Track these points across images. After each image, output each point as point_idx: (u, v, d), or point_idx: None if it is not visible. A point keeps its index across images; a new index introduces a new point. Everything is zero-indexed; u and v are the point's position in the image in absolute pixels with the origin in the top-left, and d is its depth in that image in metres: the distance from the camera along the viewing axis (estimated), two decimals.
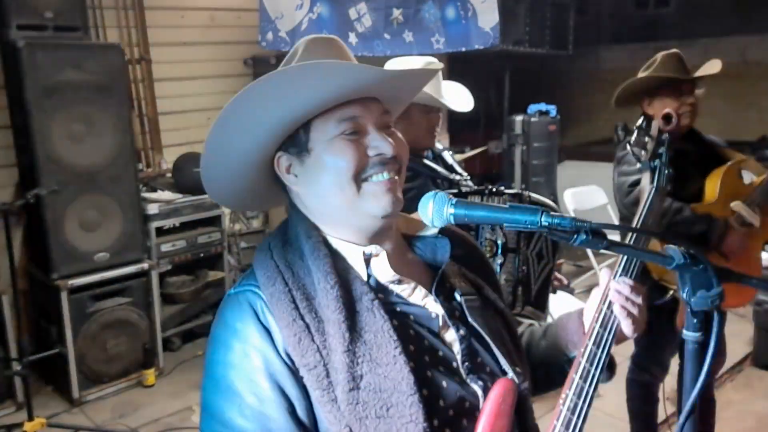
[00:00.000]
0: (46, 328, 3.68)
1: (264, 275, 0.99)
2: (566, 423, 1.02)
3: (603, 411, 3.46)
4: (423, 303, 1.03)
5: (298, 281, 0.97)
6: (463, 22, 4.72)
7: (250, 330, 0.95)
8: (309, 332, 0.92)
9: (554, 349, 1.22)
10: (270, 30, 4.45)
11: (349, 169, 0.99)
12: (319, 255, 0.99)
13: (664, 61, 2.46)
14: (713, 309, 0.92)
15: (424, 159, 2.33)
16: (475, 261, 1.20)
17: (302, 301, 0.95)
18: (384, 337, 0.93)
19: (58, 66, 3.37)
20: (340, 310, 0.93)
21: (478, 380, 0.99)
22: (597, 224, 0.89)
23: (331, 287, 0.95)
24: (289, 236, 1.05)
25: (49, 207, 3.41)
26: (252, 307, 0.97)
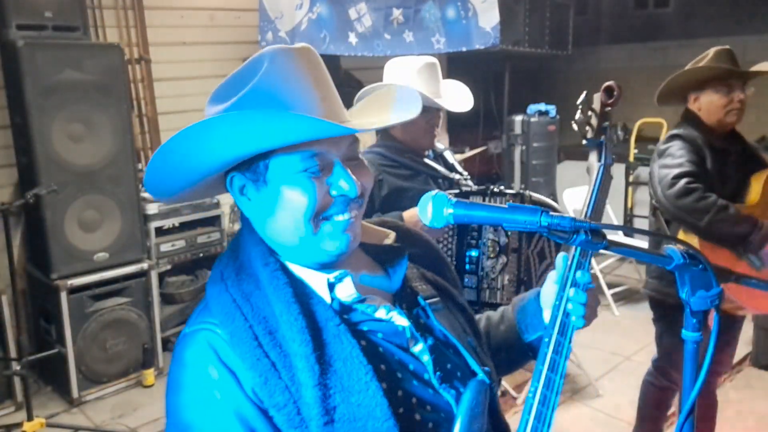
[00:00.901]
0: (46, 328, 3.67)
1: (221, 312, 0.92)
2: (537, 415, 0.99)
3: (603, 411, 3.46)
4: (389, 317, 0.99)
5: (258, 314, 0.91)
6: (463, 22, 4.71)
7: (212, 371, 0.89)
8: (275, 370, 0.87)
9: (513, 332, 1.22)
10: (270, 30, 4.45)
11: (309, 210, 0.93)
12: (279, 284, 0.93)
13: (717, 55, 2.42)
14: (713, 309, 0.92)
15: (424, 158, 2.33)
16: (432, 259, 1.19)
17: (265, 336, 0.89)
18: (354, 363, 0.90)
19: (57, 66, 3.37)
20: (306, 343, 0.88)
21: (450, 388, 0.98)
22: (596, 224, 0.88)
23: (294, 319, 0.90)
24: (243, 261, 0.97)
25: (48, 207, 3.41)
26: (212, 347, 0.91)
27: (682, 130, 2.46)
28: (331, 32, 4.54)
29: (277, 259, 0.97)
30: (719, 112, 2.43)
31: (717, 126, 2.46)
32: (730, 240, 2.31)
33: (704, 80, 2.43)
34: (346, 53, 4.62)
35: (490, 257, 2.06)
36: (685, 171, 2.32)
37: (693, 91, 2.49)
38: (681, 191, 2.28)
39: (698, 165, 2.36)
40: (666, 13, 9.74)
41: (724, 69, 2.39)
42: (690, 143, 2.40)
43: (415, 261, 1.14)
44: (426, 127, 2.25)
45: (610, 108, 1.27)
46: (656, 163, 2.45)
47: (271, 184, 0.94)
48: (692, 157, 2.36)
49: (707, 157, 2.39)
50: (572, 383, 3.76)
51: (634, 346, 4.24)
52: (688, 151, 2.38)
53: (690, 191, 2.27)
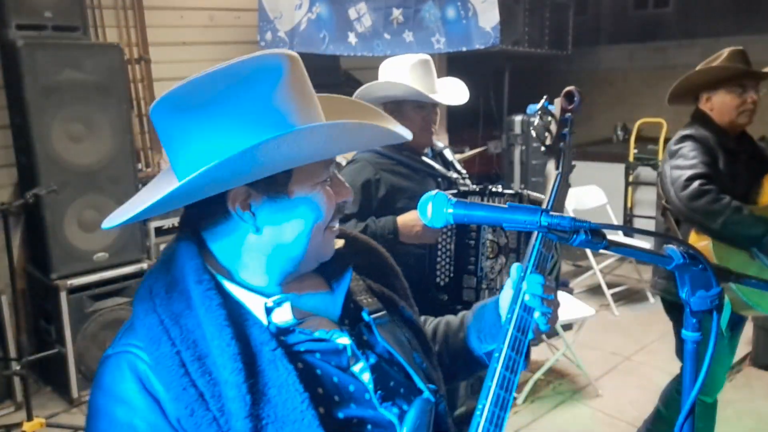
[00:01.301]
0: (45, 328, 3.67)
1: (147, 335, 0.87)
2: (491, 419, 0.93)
3: (603, 411, 3.46)
4: (329, 336, 0.96)
5: (187, 338, 0.86)
6: (463, 21, 4.71)
7: (134, 398, 0.84)
8: (203, 400, 0.83)
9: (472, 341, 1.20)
10: (269, 30, 4.45)
11: (327, 218, 0.95)
12: (212, 305, 0.88)
13: (731, 55, 2.41)
14: (713, 309, 0.92)
15: (423, 156, 2.33)
16: (380, 269, 1.17)
17: (193, 363, 0.84)
18: (289, 391, 0.86)
19: (57, 66, 3.37)
20: (238, 371, 0.84)
21: (392, 407, 0.95)
22: (596, 224, 0.88)
23: (227, 344, 0.85)
24: (175, 276, 0.92)
25: (48, 207, 3.41)
26: (135, 372, 0.85)
27: (693, 130, 2.44)
28: (330, 32, 4.54)
29: (212, 276, 0.92)
30: (732, 113, 2.42)
31: (729, 126, 2.45)
32: (744, 241, 2.31)
33: (718, 80, 2.42)
34: (345, 53, 4.62)
35: (489, 258, 2.06)
36: (698, 172, 2.30)
37: (706, 91, 2.47)
38: (695, 193, 2.27)
39: (711, 166, 2.34)
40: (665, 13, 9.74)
41: (740, 69, 2.38)
42: (702, 144, 2.38)
43: (361, 272, 1.11)
44: (423, 123, 2.25)
45: (570, 114, 1.22)
46: (668, 163, 2.42)
47: (294, 195, 0.92)
48: (705, 158, 2.34)
49: (720, 158, 2.38)
50: (572, 383, 3.76)
51: (633, 345, 4.24)
52: (701, 152, 2.36)
53: (704, 193, 2.26)
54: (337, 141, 0.92)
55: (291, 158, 0.88)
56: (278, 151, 0.84)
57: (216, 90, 0.87)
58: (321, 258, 0.99)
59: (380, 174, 2.19)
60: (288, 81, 0.89)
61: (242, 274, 0.95)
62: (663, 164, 2.48)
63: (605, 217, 5.28)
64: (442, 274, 2.09)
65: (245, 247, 0.94)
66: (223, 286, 0.94)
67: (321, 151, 0.91)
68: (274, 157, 0.85)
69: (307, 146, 0.87)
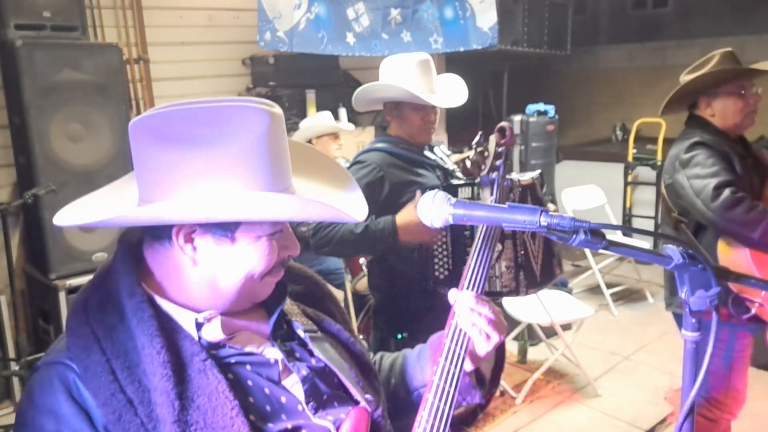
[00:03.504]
0: (44, 328, 3.67)
1: (77, 345, 0.88)
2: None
3: (603, 411, 3.47)
4: (260, 350, 0.99)
5: (118, 348, 0.88)
6: (461, 22, 4.72)
7: (62, 410, 0.85)
8: (131, 406, 0.84)
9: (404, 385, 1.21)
10: (268, 30, 4.45)
11: (266, 269, 0.96)
12: (144, 317, 0.90)
13: (723, 58, 2.33)
14: (712, 309, 0.92)
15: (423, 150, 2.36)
16: (315, 296, 1.19)
17: (123, 371, 0.86)
18: (219, 399, 0.88)
19: (56, 66, 3.36)
20: (167, 378, 0.86)
21: (327, 416, 0.97)
22: (596, 224, 0.88)
23: (157, 352, 0.87)
24: (110, 291, 0.94)
25: (47, 207, 3.41)
26: (63, 382, 0.87)
27: (699, 137, 2.34)
28: (329, 32, 4.54)
29: (144, 290, 0.94)
30: (737, 116, 2.35)
31: (732, 130, 2.38)
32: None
33: (715, 85, 2.34)
34: (344, 53, 4.62)
35: None
36: (725, 180, 2.19)
37: (704, 97, 2.39)
38: (728, 202, 2.14)
39: (732, 172, 2.24)
40: (665, 13, 9.75)
41: (742, 70, 2.31)
42: (716, 149, 2.28)
43: (297, 298, 1.14)
44: (422, 123, 2.27)
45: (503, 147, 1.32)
46: (682, 174, 2.30)
47: (238, 242, 0.93)
48: (724, 164, 2.24)
49: (735, 162, 2.29)
50: (571, 383, 3.76)
51: (632, 345, 4.24)
52: (718, 158, 2.25)
53: (738, 201, 2.14)
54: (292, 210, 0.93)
55: (246, 214, 0.91)
56: (236, 205, 0.88)
57: (195, 127, 0.87)
58: (254, 300, 1.01)
59: (383, 171, 2.20)
60: (266, 139, 0.89)
61: (175, 293, 0.97)
62: (675, 175, 2.34)
63: (604, 216, 5.29)
64: (441, 268, 2.09)
65: (181, 273, 0.96)
66: (156, 302, 0.96)
67: (277, 215, 0.93)
68: (231, 209, 0.88)
69: (265, 209, 0.90)
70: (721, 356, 2.36)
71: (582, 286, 5.31)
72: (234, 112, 0.88)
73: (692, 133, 2.39)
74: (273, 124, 0.90)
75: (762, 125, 2.67)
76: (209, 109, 0.88)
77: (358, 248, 2.22)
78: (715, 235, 2.27)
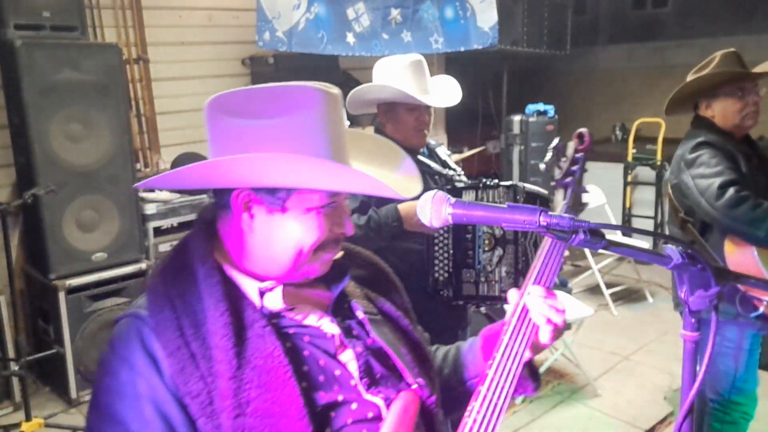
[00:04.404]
0: (44, 328, 3.67)
1: (153, 302, 0.97)
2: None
3: (602, 411, 3.47)
4: (318, 324, 1.04)
5: (187, 308, 0.96)
6: (461, 21, 4.72)
7: (135, 357, 0.94)
8: (194, 360, 0.92)
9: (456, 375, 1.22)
10: (267, 30, 4.45)
11: (315, 243, 1.00)
12: (212, 282, 0.98)
13: (724, 59, 2.33)
14: (711, 309, 0.92)
15: (418, 155, 2.33)
16: (378, 281, 1.23)
17: (189, 329, 0.94)
18: (274, 362, 0.94)
19: (55, 66, 3.36)
20: (228, 337, 0.93)
21: (378, 393, 1.00)
22: (595, 224, 0.88)
23: (220, 314, 0.95)
24: (185, 258, 1.02)
25: (46, 207, 3.41)
26: (138, 334, 0.95)
27: (704, 137, 2.34)
28: (328, 32, 4.54)
29: (215, 260, 1.02)
30: (735, 117, 2.35)
31: (734, 130, 2.37)
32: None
33: (714, 86, 2.34)
34: (344, 53, 4.62)
35: (486, 250, 2.06)
36: (729, 179, 2.19)
37: (704, 98, 2.39)
38: (733, 201, 2.15)
39: (736, 171, 2.24)
40: (664, 12, 9.74)
41: (736, 73, 2.31)
42: (720, 149, 2.28)
43: (360, 282, 1.18)
44: (415, 124, 2.26)
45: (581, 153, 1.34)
46: (686, 173, 2.31)
47: (287, 213, 0.99)
48: (729, 163, 2.24)
49: (741, 161, 2.29)
50: (571, 383, 3.76)
51: (632, 345, 4.24)
52: (722, 157, 2.25)
53: (743, 200, 2.14)
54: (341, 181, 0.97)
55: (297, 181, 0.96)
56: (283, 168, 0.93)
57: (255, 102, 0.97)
58: (308, 275, 1.05)
59: None
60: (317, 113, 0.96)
61: (241, 262, 1.04)
62: (680, 175, 2.35)
63: (604, 216, 5.29)
64: (441, 270, 2.09)
65: (242, 241, 1.03)
66: (225, 270, 1.03)
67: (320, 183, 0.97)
68: (283, 174, 0.94)
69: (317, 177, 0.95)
70: (731, 356, 2.36)
71: (582, 286, 5.31)
72: (291, 90, 0.97)
73: (697, 133, 2.38)
74: (326, 100, 0.97)
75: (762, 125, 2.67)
76: (269, 88, 0.97)
77: (365, 237, 2.20)
78: (722, 234, 2.27)
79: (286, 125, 0.95)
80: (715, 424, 2.45)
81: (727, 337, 2.35)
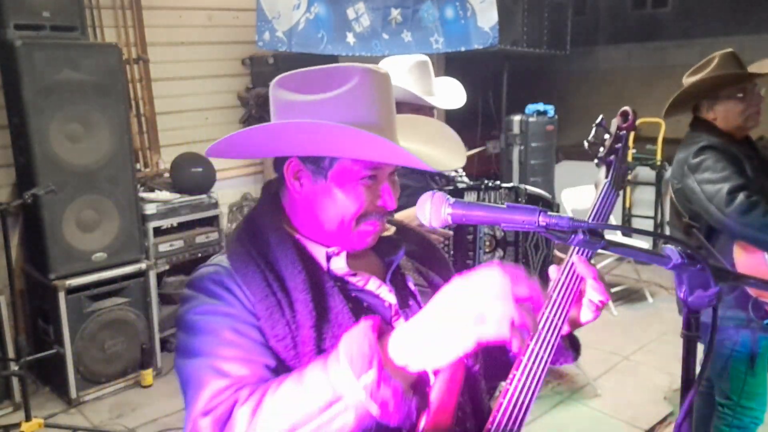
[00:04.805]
0: (44, 328, 3.67)
1: (237, 260, 1.05)
2: (515, 402, 1.07)
3: (602, 411, 3.47)
4: (378, 292, 1.12)
5: (269, 265, 1.04)
6: (462, 21, 4.71)
7: (225, 292, 1.01)
8: (280, 307, 0.99)
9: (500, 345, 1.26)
10: (267, 30, 4.45)
11: (356, 213, 1.06)
12: (286, 245, 1.06)
13: (723, 60, 2.30)
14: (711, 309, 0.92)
15: None
16: (429, 256, 1.29)
17: (274, 282, 1.01)
18: (344, 318, 1.02)
19: (55, 66, 3.36)
20: (306, 292, 1.01)
21: None
22: (594, 224, 0.88)
23: (298, 272, 1.03)
24: (258, 226, 1.11)
25: (46, 207, 3.41)
26: (230, 276, 1.03)
27: (706, 140, 2.31)
28: (328, 32, 4.54)
29: (285, 227, 1.11)
30: (738, 119, 2.32)
31: (736, 132, 2.35)
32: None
33: (716, 88, 2.32)
34: (344, 53, 4.62)
35: (487, 252, 2.06)
36: (737, 184, 2.16)
37: (705, 100, 2.36)
38: (744, 207, 2.10)
39: (742, 175, 2.21)
40: (664, 12, 9.74)
41: (739, 75, 2.29)
42: (725, 153, 2.25)
43: (412, 256, 1.24)
44: None
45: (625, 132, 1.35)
46: (691, 178, 2.27)
47: (330, 181, 1.06)
48: (735, 167, 2.21)
49: (745, 165, 2.26)
50: (571, 383, 3.76)
51: (632, 345, 4.25)
52: (727, 161, 2.22)
53: (754, 205, 2.10)
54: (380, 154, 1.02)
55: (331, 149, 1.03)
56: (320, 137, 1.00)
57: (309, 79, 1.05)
58: (353, 246, 1.11)
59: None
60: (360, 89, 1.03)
61: (303, 229, 1.13)
62: (684, 180, 2.31)
63: None
64: None
65: (297, 209, 1.12)
66: (293, 235, 1.12)
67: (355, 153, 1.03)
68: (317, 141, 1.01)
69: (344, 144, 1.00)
70: (743, 361, 2.35)
71: None
72: (341, 69, 1.05)
73: (698, 136, 2.36)
74: (370, 77, 1.04)
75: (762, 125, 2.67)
76: (325, 67, 1.06)
77: None
78: (730, 240, 2.23)
79: (332, 99, 1.02)
80: (724, 428, 2.44)
81: (739, 341, 2.33)
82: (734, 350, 2.35)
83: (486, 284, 0.82)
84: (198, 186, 4.23)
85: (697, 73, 2.37)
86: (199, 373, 0.93)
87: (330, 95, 1.02)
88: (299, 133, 1.01)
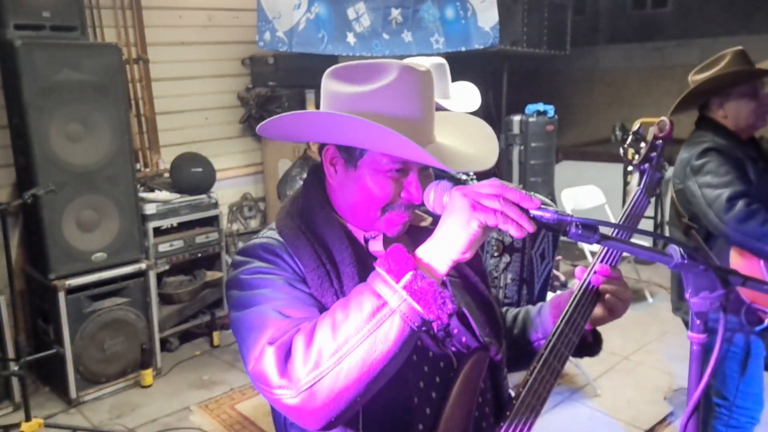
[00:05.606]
0: (44, 328, 3.67)
1: (287, 234, 1.12)
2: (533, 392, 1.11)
3: (602, 411, 3.47)
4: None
5: (317, 239, 1.11)
6: (462, 21, 4.71)
7: (278, 259, 1.09)
8: (329, 277, 1.07)
9: (524, 335, 1.35)
10: (267, 30, 4.45)
11: (381, 202, 1.11)
12: (333, 224, 1.14)
13: (735, 57, 2.27)
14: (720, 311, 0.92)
15: None
16: None
17: (323, 254, 1.09)
18: None
19: (55, 66, 3.36)
20: (353, 265, 1.08)
21: (451, 347, 1.14)
22: (593, 220, 0.91)
23: (345, 247, 1.10)
24: (304, 205, 1.18)
25: (46, 207, 3.41)
26: (282, 246, 1.10)
27: (712, 142, 2.27)
28: (329, 32, 4.54)
29: (331, 208, 1.18)
30: (750, 117, 2.29)
31: (744, 131, 2.32)
32: None
33: (730, 85, 2.28)
34: (344, 53, 4.61)
35: (494, 256, 2.06)
36: (738, 191, 2.13)
37: (716, 97, 2.32)
38: (743, 215, 2.08)
39: (745, 180, 2.18)
40: (664, 13, 9.75)
41: (757, 71, 2.25)
42: (728, 156, 2.22)
43: None
44: None
45: (661, 141, 1.39)
46: (692, 180, 2.25)
47: (359, 170, 1.12)
48: (737, 172, 2.18)
49: (749, 168, 2.23)
50: (570, 383, 3.76)
51: (632, 345, 4.24)
52: (731, 165, 2.19)
53: (753, 213, 2.08)
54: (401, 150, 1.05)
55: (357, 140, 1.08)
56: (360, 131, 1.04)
57: (354, 72, 1.10)
58: (383, 232, 1.16)
59: None
60: (396, 85, 1.07)
61: (342, 212, 1.19)
62: (685, 181, 2.29)
63: (604, 216, 5.28)
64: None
65: (335, 194, 1.18)
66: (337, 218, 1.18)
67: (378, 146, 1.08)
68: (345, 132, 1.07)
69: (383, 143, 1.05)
70: (737, 360, 2.34)
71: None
72: (385, 64, 1.09)
73: (704, 136, 2.33)
74: (411, 73, 1.08)
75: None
76: (373, 62, 1.11)
77: None
78: (727, 244, 2.22)
79: (373, 92, 1.07)
80: (720, 427, 2.43)
81: (735, 342, 2.33)
82: (728, 350, 2.35)
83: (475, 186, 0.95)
84: (198, 186, 4.23)
85: (706, 71, 2.33)
86: (262, 316, 1.00)
87: (371, 88, 1.07)
88: (332, 125, 1.07)
